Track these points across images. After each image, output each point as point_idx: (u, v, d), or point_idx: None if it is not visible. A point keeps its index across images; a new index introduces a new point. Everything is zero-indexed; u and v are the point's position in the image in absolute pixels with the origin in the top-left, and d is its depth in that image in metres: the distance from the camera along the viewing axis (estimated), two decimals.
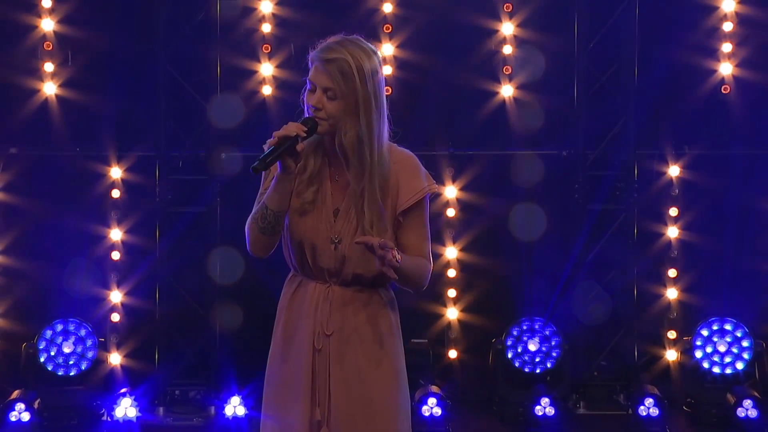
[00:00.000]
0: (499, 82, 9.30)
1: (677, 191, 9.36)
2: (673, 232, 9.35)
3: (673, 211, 9.35)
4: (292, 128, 4.23)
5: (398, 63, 9.22)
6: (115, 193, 9.23)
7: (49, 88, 9.15)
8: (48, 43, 9.11)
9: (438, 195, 4.48)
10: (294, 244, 4.36)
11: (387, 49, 9.20)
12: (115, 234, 9.23)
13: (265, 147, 4.30)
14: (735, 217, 9.31)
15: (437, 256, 9.22)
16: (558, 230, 9.32)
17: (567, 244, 9.30)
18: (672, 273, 9.36)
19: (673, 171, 9.34)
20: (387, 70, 9.14)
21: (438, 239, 9.18)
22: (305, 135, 4.25)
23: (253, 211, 4.37)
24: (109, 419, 8.78)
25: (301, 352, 4.38)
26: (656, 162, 9.37)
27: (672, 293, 9.36)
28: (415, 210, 4.40)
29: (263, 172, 4.36)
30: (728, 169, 9.35)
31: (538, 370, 9.02)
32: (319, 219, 4.35)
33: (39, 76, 9.16)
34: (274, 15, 9.22)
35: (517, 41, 9.26)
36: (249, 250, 4.40)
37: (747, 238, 9.32)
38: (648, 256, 9.39)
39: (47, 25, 9.10)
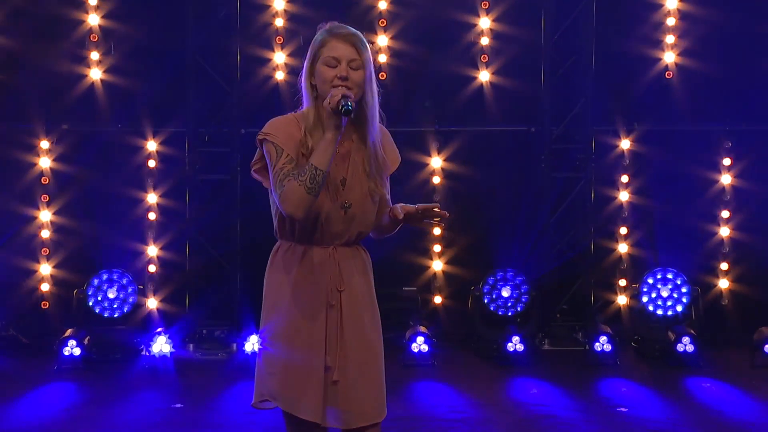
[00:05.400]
0: (477, 69, 9.40)
1: (628, 161, 9.48)
2: (624, 196, 9.50)
3: (624, 178, 9.49)
4: (343, 91, 4.07)
5: (391, 52, 9.32)
6: (151, 163, 9.36)
7: (95, 74, 9.29)
8: (94, 35, 9.24)
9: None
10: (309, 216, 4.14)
11: (382, 40, 9.29)
12: (151, 198, 9.38)
13: (332, 102, 4.04)
14: (676, 184, 9.43)
15: None
16: (528, 195, 9.41)
17: (535, 207, 9.41)
18: (623, 230, 9.51)
19: (625, 144, 9.48)
20: (382, 58, 9.27)
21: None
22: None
23: (291, 179, 4.05)
24: (147, 354, 8.92)
25: (314, 308, 4.18)
26: (610, 137, 9.50)
27: (623, 248, 9.50)
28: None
29: (275, 150, 4.12)
30: (671, 143, 9.48)
31: (509, 313, 9.11)
32: (328, 189, 4.15)
33: (86, 63, 9.29)
34: (286, 11, 9.32)
35: (493, 33, 9.36)
36: (290, 212, 4.06)
37: (687, 201, 9.43)
38: (603, 216, 9.50)
39: (93, 19, 9.24)
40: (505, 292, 9.07)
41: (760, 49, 9.35)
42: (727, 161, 9.44)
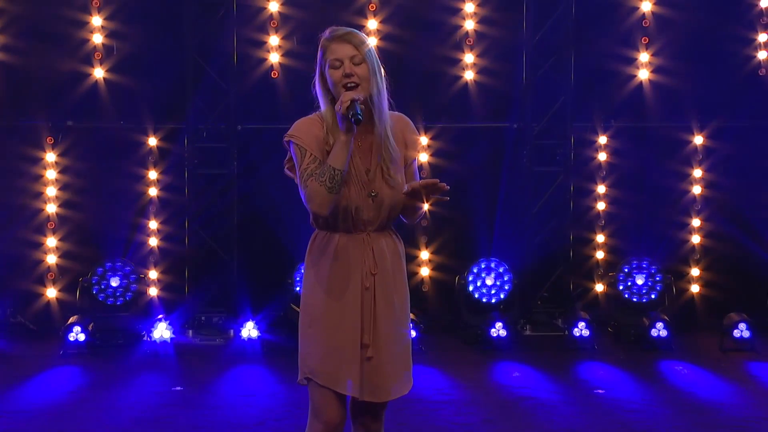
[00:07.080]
0: (462, 68, 9.44)
1: (605, 156, 9.52)
2: (601, 189, 9.55)
3: (602, 172, 9.52)
4: (352, 95, 4.16)
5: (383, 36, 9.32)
6: (152, 158, 9.37)
7: (98, 73, 9.30)
8: (96, 35, 9.24)
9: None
10: (340, 208, 4.27)
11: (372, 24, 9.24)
12: (152, 191, 9.40)
13: (342, 108, 4.12)
14: (650, 177, 9.48)
15: None
16: (510, 189, 9.44)
17: (517, 200, 9.45)
18: (601, 222, 9.55)
19: (602, 140, 9.53)
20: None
21: None
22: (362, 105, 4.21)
23: (313, 179, 4.18)
24: (148, 339, 8.95)
25: (350, 291, 4.30)
26: (588, 133, 9.55)
27: (600, 238, 9.56)
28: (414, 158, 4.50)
29: (299, 151, 4.24)
30: (645, 138, 9.54)
31: (493, 301, 9.14)
32: (355, 181, 4.29)
33: (90, 63, 9.29)
34: (281, 13, 9.33)
35: (478, 35, 9.40)
36: (314, 210, 4.21)
37: (659, 193, 9.49)
38: (582, 208, 9.55)
39: (96, 21, 9.26)
40: (489, 281, 9.08)
41: (730, 48, 9.40)
42: (699, 156, 9.47)
